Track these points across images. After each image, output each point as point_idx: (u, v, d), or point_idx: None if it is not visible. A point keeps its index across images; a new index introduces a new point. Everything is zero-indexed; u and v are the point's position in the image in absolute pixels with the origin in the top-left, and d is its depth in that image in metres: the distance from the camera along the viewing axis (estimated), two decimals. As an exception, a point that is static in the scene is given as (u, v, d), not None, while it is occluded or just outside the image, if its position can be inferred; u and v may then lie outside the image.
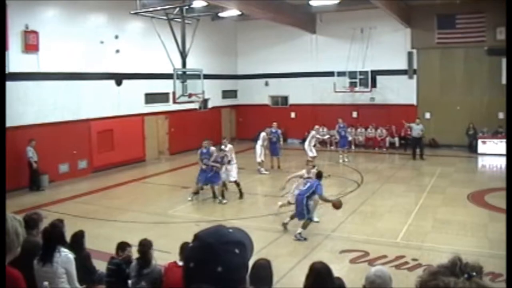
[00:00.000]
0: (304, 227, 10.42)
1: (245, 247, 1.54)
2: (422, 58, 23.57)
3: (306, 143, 18.41)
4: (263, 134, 18.42)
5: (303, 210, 10.43)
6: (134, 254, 6.42)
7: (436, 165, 19.06)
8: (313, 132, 18.39)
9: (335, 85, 23.98)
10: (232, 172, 14.27)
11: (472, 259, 1.45)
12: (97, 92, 18.66)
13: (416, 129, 20.41)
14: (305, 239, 10.32)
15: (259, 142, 18.15)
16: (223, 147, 14.47)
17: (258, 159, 18.09)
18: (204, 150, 14.01)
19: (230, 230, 1.58)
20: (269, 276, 4.51)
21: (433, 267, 1.46)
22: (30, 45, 15.89)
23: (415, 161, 20.15)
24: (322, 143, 24.03)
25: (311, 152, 17.69)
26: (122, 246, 6.42)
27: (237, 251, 1.50)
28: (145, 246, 6.07)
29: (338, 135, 20.94)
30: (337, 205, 10.64)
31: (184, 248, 5.89)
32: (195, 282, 1.47)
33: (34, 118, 16.10)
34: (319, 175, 10.89)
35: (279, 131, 19.23)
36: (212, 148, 14.27)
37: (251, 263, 1.68)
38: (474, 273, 1.39)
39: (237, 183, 14.32)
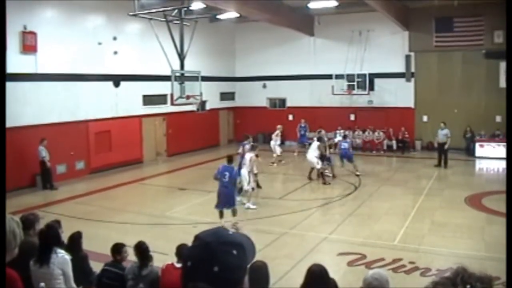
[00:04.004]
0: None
1: (243, 249, 1.54)
2: (420, 61, 23.62)
3: (272, 142, 20.28)
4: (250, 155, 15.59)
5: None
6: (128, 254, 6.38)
7: (434, 167, 19.08)
8: (277, 132, 19.88)
9: (333, 87, 24.00)
10: None
11: (481, 268, 1.38)
12: (95, 93, 18.64)
13: (440, 134, 19.34)
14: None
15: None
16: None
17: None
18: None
19: (230, 232, 1.59)
20: (266, 278, 4.51)
21: (437, 278, 1.41)
22: (28, 46, 15.88)
23: (440, 169, 18.86)
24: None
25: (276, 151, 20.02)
26: (118, 248, 6.24)
27: (234, 252, 1.51)
28: (144, 246, 6.01)
29: (299, 133, 23.41)
30: None
31: (180, 249, 5.88)
32: (192, 281, 1.47)
33: (32, 119, 16.07)
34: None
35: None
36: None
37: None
38: (478, 284, 1.32)
39: None
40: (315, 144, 16.82)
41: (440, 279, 1.38)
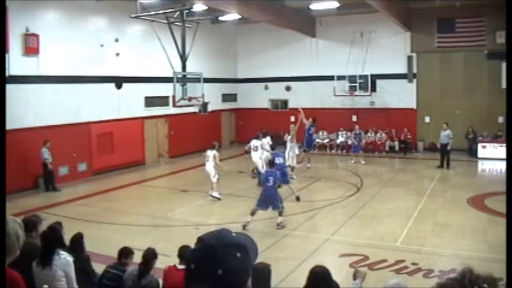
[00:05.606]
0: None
1: (247, 251, 1.54)
2: (422, 62, 23.59)
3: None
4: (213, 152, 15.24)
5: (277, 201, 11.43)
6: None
7: (436, 168, 19.05)
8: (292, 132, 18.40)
9: (334, 89, 23.99)
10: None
11: (485, 269, 1.39)
12: (97, 95, 18.67)
13: (442, 135, 19.38)
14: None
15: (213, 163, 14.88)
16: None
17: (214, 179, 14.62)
18: None
19: (234, 234, 1.59)
20: (267, 279, 4.50)
21: (442, 279, 1.41)
22: (31, 48, 15.90)
23: (442, 170, 18.83)
24: (321, 147, 24.09)
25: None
26: (126, 252, 6.18)
27: (238, 254, 1.50)
28: (149, 256, 5.92)
29: (352, 140, 22.32)
30: None
31: (182, 251, 5.85)
32: (195, 283, 1.47)
33: (34, 121, 16.11)
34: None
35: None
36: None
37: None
38: (486, 285, 1.33)
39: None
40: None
41: (447, 281, 1.38)
